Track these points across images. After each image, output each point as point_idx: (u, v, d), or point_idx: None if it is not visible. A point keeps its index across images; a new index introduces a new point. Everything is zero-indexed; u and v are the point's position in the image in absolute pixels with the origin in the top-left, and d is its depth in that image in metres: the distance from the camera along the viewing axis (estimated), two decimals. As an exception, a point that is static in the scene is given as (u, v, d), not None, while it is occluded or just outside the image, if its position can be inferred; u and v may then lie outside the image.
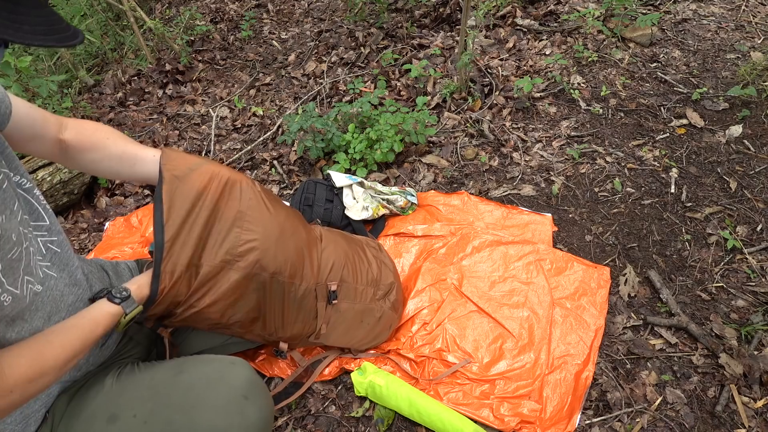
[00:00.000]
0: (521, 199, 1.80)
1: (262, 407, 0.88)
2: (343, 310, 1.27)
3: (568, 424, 1.21)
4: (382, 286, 1.34)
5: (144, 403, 0.86)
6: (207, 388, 0.87)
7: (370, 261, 1.37)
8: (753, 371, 1.25)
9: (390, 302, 1.36)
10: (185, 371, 0.90)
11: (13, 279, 0.72)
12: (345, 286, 1.26)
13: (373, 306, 1.32)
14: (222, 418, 0.83)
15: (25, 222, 0.78)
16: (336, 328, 1.28)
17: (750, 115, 1.94)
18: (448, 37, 2.67)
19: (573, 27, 2.50)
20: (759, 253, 1.53)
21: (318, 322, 1.23)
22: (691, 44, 2.33)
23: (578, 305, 1.44)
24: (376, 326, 1.34)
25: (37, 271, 0.79)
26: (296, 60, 2.91)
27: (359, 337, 1.33)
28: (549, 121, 2.10)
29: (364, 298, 1.30)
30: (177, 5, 3.68)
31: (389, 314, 1.36)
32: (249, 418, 0.85)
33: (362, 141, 1.94)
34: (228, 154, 2.33)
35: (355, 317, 1.30)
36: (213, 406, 0.84)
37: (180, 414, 0.84)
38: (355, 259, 1.32)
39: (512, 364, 1.33)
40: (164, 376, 0.91)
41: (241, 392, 0.87)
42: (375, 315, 1.33)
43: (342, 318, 1.27)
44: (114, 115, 2.75)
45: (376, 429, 1.26)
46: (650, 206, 1.71)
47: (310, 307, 1.20)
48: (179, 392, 0.87)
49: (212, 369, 0.90)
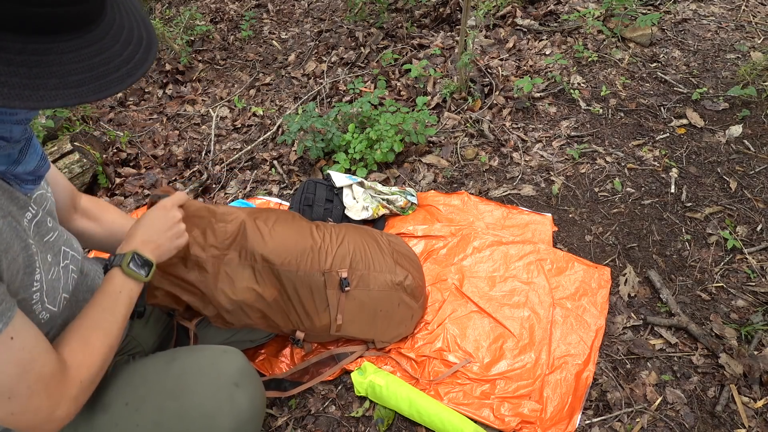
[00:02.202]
0: (521, 199, 1.80)
1: (253, 395, 0.89)
2: (357, 297, 1.26)
3: (569, 424, 1.21)
4: (398, 272, 1.32)
5: (136, 390, 0.87)
6: (198, 375, 0.87)
7: (384, 249, 1.36)
8: (753, 371, 1.25)
9: (409, 289, 1.33)
10: (177, 359, 0.91)
11: (52, 298, 0.76)
12: (357, 274, 1.26)
13: (391, 294, 1.30)
14: (212, 404, 0.84)
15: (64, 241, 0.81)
16: (354, 319, 1.27)
17: (750, 115, 1.94)
18: (448, 37, 2.67)
19: (573, 27, 2.50)
20: (759, 253, 1.53)
21: (331, 311, 1.24)
22: (691, 44, 2.34)
23: (579, 305, 1.44)
24: (396, 315, 1.33)
25: (71, 287, 0.83)
26: (296, 60, 2.91)
27: (382, 328, 1.33)
28: (549, 121, 2.10)
29: (379, 284, 1.29)
30: (177, 5, 3.68)
31: (409, 302, 1.34)
32: (239, 405, 0.86)
33: (362, 141, 1.94)
34: (228, 154, 2.33)
35: (372, 305, 1.28)
36: (203, 392, 0.85)
37: (171, 400, 0.85)
38: (366, 248, 1.32)
39: (513, 364, 1.33)
40: (157, 365, 0.92)
41: (232, 379, 0.87)
42: (393, 302, 1.31)
43: (358, 307, 1.27)
44: (114, 115, 2.75)
45: (376, 429, 1.26)
46: (650, 206, 1.71)
47: (322, 296, 1.22)
48: (171, 379, 0.88)
49: (204, 356, 0.91)
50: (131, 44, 0.50)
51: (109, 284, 0.82)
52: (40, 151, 0.72)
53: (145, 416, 0.84)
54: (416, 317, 1.40)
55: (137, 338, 1.09)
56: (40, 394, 0.65)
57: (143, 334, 1.11)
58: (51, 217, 0.80)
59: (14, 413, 0.64)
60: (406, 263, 1.38)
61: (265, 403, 0.96)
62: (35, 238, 0.72)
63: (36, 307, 0.72)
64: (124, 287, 0.83)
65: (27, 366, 0.63)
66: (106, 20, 0.49)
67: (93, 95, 0.46)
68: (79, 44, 0.46)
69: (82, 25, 0.46)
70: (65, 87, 0.44)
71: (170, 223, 0.94)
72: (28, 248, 0.68)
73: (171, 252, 0.94)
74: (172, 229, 0.94)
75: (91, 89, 0.46)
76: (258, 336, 1.33)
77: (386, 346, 1.38)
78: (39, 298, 0.72)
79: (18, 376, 0.63)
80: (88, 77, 0.46)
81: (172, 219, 0.95)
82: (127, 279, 0.83)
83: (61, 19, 0.44)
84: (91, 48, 0.47)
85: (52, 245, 0.77)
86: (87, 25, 0.47)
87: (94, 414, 0.85)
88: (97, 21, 0.48)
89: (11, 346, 0.61)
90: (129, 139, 2.48)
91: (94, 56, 0.47)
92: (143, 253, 0.87)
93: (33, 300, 0.71)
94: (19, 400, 0.63)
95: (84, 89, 0.45)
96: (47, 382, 0.66)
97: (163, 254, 0.92)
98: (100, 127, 2.63)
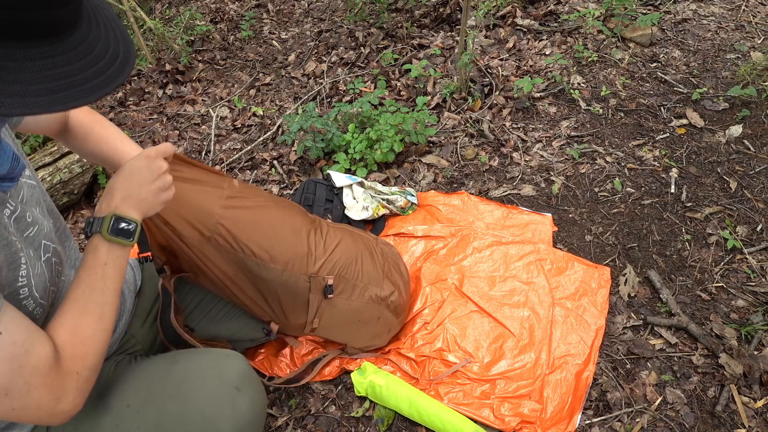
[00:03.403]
0: (521, 199, 1.80)
1: (254, 400, 0.88)
2: (338, 306, 1.24)
3: (569, 424, 1.21)
4: (385, 287, 1.30)
5: (138, 392, 0.87)
6: (200, 378, 0.87)
7: (376, 261, 1.33)
8: (753, 371, 1.25)
9: (392, 305, 1.32)
10: (180, 362, 0.91)
11: (42, 292, 0.75)
12: (343, 282, 1.24)
13: (373, 307, 1.29)
14: (213, 408, 0.83)
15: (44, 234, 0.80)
16: (330, 324, 1.26)
17: (750, 115, 1.94)
18: (448, 37, 2.67)
19: (573, 27, 2.50)
20: (759, 253, 1.53)
21: (309, 313, 1.21)
22: (691, 44, 2.34)
23: (579, 305, 1.44)
24: (374, 327, 1.32)
25: (56, 279, 0.81)
26: (296, 60, 2.91)
27: (356, 336, 1.32)
28: (549, 121, 2.10)
29: (363, 296, 1.27)
30: (177, 5, 3.68)
31: (388, 317, 1.33)
32: (240, 409, 0.85)
33: (362, 141, 1.94)
34: (228, 154, 2.33)
35: (352, 315, 1.27)
36: (204, 396, 0.84)
37: (172, 403, 0.84)
38: (358, 258, 1.29)
39: (513, 364, 1.33)
40: (158, 367, 0.91)
41: (234, 384, 0.87)
42: (374, 315, 1.30)
43: (337, 314, 1.25)
44: (114, 115, 2.75)
45: (376, 429, 1.26)
46: (650, 206, 1.71)
47: (303, 299, 1.20)
48: (173, 382, 0.87)
49: (207, 360, 0.90)
50: (105, 58, 0.48)
51: (92, 256, 0.75)
52: (10, 153, 0.67)
53: (147, 419, 0.84)
54: (393, 332, 1.39)
55: (136, 336, 1.09)
56: (40, 388, 0.64)
57: (141, 333, 1.11)
58: (29, 210, 0.76)
59: (15, 409, 0.63)
60: (396, 277, 1.36)
61: (266, 407, 0.96)
62: (17, 234, 0.71)
63: (27, 302, 0.71)
64: (109, 257, 0.75)
65: (21, 360, 0.62)
66: (80, 31, 0.47)
67: (58, 105, 0.44)
68: (48, 52, 0.44)
69: (53, 33, 0.44)
70: (28, 95, 0.42)
71: (155, 174, 0.83)
72: (11, 245, 0.67)
73: (156, 207, 0.84)
74: (157, 181, 0.83)
75: (55, 99, 0.43)
76: (258, 335, 1.33)
77: (357, 352, 1.38)
78: (28, 294, 0.71)
79: (12, 372, 0.61)
80: (54, 86, 0.43)
81: (157, 170, 0.84)
82: (111, 246, 0.75)
83: (31, 24, 0.42)
84: (61, 57, 0.45)
85: (32, 240, 0.75)
86: (57, 34, 0.45)
87: (96, 415, 0.85)
88: (70, 30, 0.46)
89: (0, 342, 0.60)
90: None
91: (63, 66, 0.45)
92: (124, 212, 0.78)
93: (21, 295, 0.70)
94: (18, 395, 0.62)
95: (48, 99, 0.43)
96: (45, 376, 0.64)
97: (148, 210, 0.82)
98: (100, 127, 2.63)
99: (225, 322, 1.24)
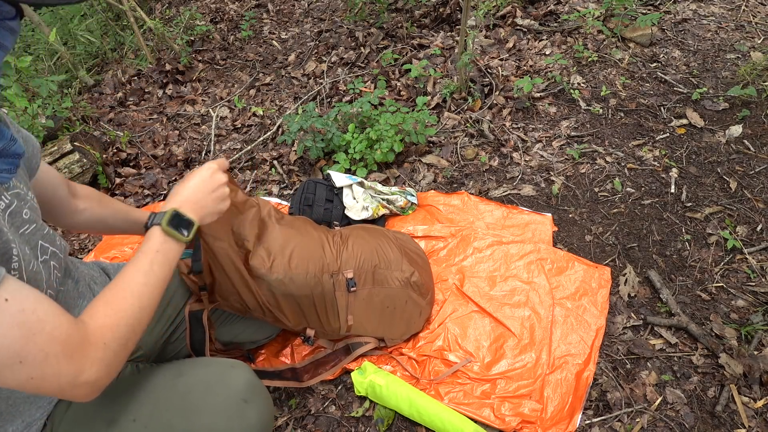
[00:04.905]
0: (521, 199, 1.81)
1: (262, 411, 0.88)
2: (365, 297, 1.28)
3: (569, 424, 1.21)
4: (405, 268, 1.33)
5: (143, 406, 0.86)
6: (206, 392, 0.86)
7: (391, 246, 1.37)
8: (753, 371, 1.25)
9: (415, 286, 1.34)
10: (184, 374, 0.90)
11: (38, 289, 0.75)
12: (363, 273, 1.28)
13: (398, 291, 1.31)
14: (222, 422, 0.83)
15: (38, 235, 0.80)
16: (363, 317, 1.29)
17: (750, 115, 1.94)
18: (448, 37, 2.67)
19: (573, 27, 2.50)
20: (759, 253, 1.53)
21: (341, 313, 1.27)
22: (691, 44, 2.34)
23: (579, 305, 1.44)
24: (404, 312, 1.34)
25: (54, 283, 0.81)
26: (296, 60, 2.91)
27: (390, 325, 1.34)
28: (549, 121, 2.10)
29: (387, 283, 1.30)
30: (177, 5, 3.68)
31: (416, 298, 1.35)
32: (249, 420, 0.85)
33: (362, 141, 1.94)
34: (228, 154, 2.33)
35: (380, 303, 1.30)
36: (212, 410, 0.84)
37: (180, 418, 0.83)
38: (375, 246, 1.34)
39: (513, 364, 1.33)
40: (163, 380, 0.90)
41: (241, 395, 0.86)
42: (401, 300, 1.32)
43: (366, 306, 1.29)
44: (114, 115, 2.75)
45: (376, 429, 1.26)
46: (650, 206, 1.71)
47: (331, 298, 1.25)
48: (178, 396, 0.86)
49: (211, 372, 0.90)
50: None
51: (147, 243, 0.80)
52: (8, 135, 0.69)
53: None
54: (425, 314, 1.41)
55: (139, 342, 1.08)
56: (59, 356, 0.62)
57: (144, 338, 1.10)
58: (30, 211, 0.77)
59: (34, 378, 0.61)
60: (415, 258, 1.40)
61: (273, 417, 0.95)
62: (10, 228, 0.71)
63: None
64: (162, 247, 0.80)
65: (34, 327, 0.61)
66: None
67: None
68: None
69: None
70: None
71: (215, 185, 0.92)
72: (2, 235, 0.67)
73: (213, 216, 0.92)
74: (217, 191, 0.92)
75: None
76: (260, 337, 1.33)
77: (397, 343, 1.39)
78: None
79: (24, 338, 0.60)
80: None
81: (217, 181, 0.93)
82: (166, 238, 0.81)
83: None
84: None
85: (28, 238, 0.75)
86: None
87: (101, 429, 0.84)
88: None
89: (6, 308, 0.59)
90: (129, 139, 2.48)
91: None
92: (185, 212, 0.85)
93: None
94: (34, 363, 0.61)
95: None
96: (64, 343, 0.63)
97: (205, 216, 0.90)
98: (100, 127, 2.63)
99: (240, 323, 1.27)
